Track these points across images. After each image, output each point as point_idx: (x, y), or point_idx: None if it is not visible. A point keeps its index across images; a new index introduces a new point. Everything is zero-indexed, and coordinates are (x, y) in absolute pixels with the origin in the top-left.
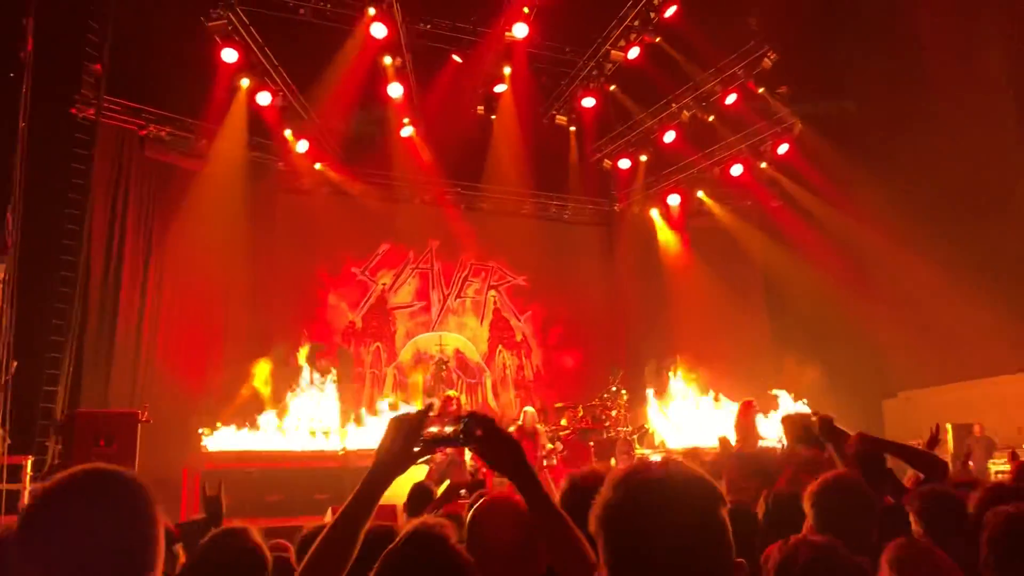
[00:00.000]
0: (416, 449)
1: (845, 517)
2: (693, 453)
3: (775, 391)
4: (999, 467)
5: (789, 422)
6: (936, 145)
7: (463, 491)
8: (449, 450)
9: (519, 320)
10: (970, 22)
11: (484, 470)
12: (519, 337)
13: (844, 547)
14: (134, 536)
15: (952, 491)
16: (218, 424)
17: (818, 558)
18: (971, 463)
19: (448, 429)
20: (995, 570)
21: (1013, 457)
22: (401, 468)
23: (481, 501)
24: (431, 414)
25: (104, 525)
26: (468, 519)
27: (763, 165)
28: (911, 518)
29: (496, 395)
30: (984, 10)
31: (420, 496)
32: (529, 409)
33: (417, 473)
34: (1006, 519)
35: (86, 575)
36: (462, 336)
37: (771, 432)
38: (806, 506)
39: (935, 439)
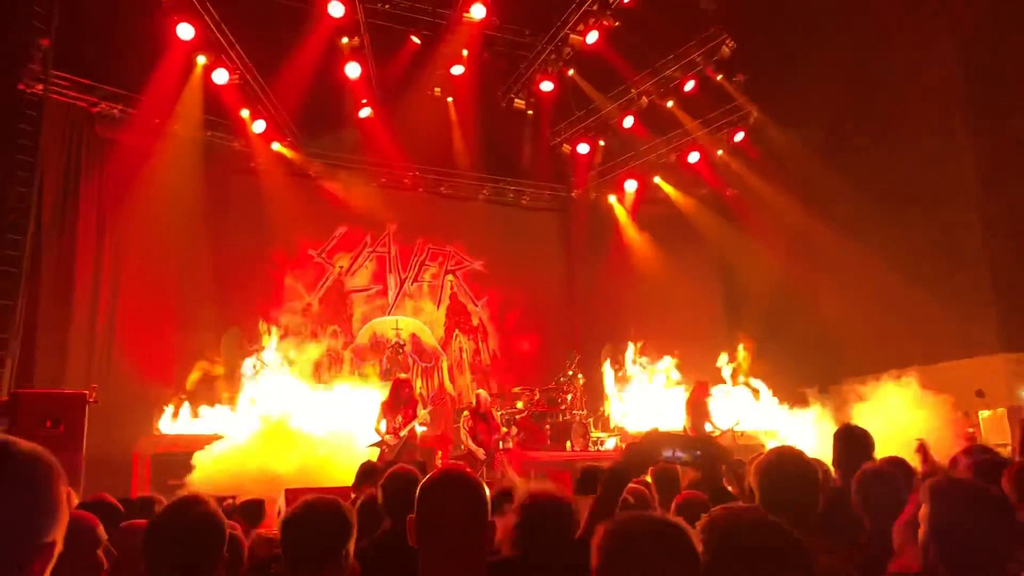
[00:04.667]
0: None
1: (789, 489)
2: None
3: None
4: None
5: None
6: (887, 135)
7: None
8: (402, 432)
9: (476, 305)
10: (923, 18)
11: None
12: (476, 321)
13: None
14: (18, 500)
15: (889, 471)
16: (167, 407)
17: (754, 522)
18: None
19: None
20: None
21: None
22: None
23: (433, 472)
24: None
25: None
26: (419, 489)
27: (719, 152)
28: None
29: (452, 379)
30: (937, 7)
31: (367, 475)
32: (482, 392)
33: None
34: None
35: None
36: (419, 320)
37: (722, 418)
38: (752, 481)
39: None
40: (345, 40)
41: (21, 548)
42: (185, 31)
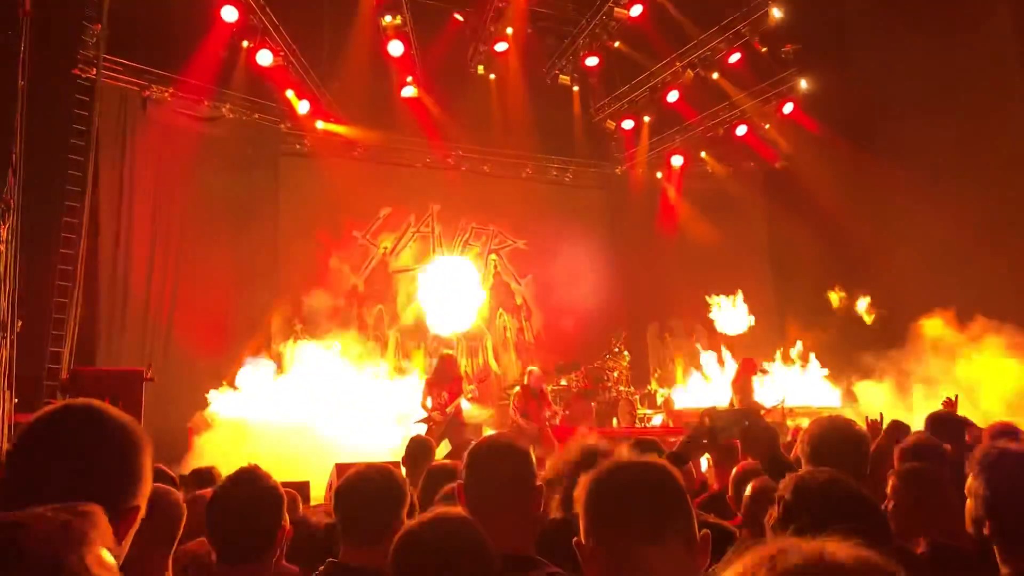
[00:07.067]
0: None
1: (835, 456)
2: None
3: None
4: None
5: None
6: (944, 100)
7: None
8: (448, 409)
9: (519, 284)
10: None
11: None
12: (519, 301)
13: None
14: (107, 464)
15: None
16: (223, 384)
17: (834, 480)
18: None
19: None
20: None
21: None
22: None
23: (479, 440)
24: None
25: (82, 451)
26: (466, 457)
27: (767, 126)
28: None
29: (497, 358)
30: None
31: (419, 449)
32: (534, 368)
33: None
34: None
35: (55, 492)
36: None
37: (768, 393)
38: (801, 447)
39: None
40: (388, 19)
41: (108, 510)
42: (229, 13)
